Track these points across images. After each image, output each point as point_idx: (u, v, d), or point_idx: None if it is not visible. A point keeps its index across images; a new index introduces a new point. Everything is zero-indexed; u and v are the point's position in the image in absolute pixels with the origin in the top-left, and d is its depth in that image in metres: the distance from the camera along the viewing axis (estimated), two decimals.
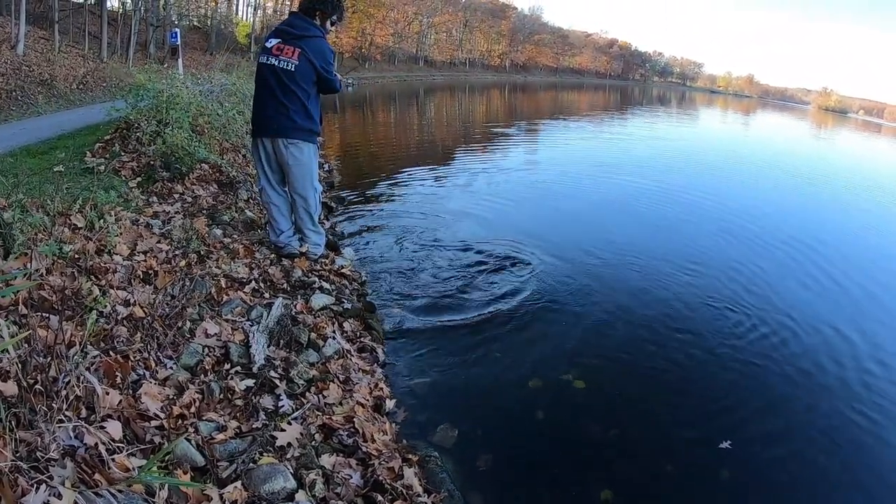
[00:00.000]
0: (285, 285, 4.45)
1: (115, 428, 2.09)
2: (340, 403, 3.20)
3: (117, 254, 3.75)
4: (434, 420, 3.57)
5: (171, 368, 2.81)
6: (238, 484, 2.25)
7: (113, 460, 1.92)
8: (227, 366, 3.12)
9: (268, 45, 4.54)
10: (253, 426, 2.68)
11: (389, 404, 3.50)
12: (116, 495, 1.79)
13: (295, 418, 2.87)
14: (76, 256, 3.43)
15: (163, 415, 2.41)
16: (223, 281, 3.97)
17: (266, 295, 4.13)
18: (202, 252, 4.31)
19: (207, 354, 3.11)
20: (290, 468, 2.47)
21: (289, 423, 2.77)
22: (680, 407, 4.18)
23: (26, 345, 2.17)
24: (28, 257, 3.14)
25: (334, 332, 3.95)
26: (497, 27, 71.75)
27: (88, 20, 22.05)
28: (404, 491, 2.65)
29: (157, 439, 2.26)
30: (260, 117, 4.68)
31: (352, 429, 2.98)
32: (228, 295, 3.83)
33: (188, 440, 2.33)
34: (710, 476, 3.47)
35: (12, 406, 1.92)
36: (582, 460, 3.49)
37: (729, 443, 3.67)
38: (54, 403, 1.99)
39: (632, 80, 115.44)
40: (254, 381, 3.04)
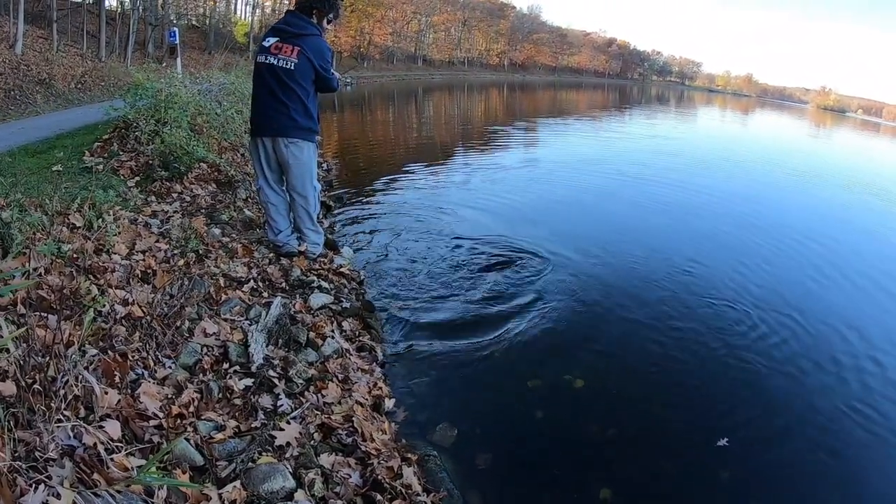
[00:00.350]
0: (284, 284, 4.44)
1: (114, 427, 2.09)
2: (339, 403, 3.19)
3: (116, 253, 3.75)
4: (433, 419, 3.57)
5: (170, 368, 2.81)
6: (237, 483, 2.25)
7: (112, 460, 1.91)
8: (226, 365, 3.12)
9: (266, 45, 4.51)
10: (252, 425, 2.67)
11: (388, 403, 3.50)
12: (115, 495, 1.78)
13: (294, 418, 2.87)
14: (75, 256, 3.43)
15: (161, 414, 2.40)
16: (222, 280, 3.97)
17: (265, 294, 4.13)
18: (201, 251, 4.30)
19: (206, 354, 3.11)
20: (289, 467, 2.47)
21: (288, 423, 2.76)
22: (679, 406, 4.18)
23: (24, 344, 2.17)
24: (26, 257, 3.14)
25: (333, 332, 3.95)
26: (496, 26, 71.75)
27: (87, 19, 22.03)
28: (403, 490, 2.65)
29: (156, 439, 2.25)
30: (260, 117, 4.66)
31: (351, 428, 2.97)
32: (227, 294, 3.83)
33: (187, 440, 2.33)
34: (710, 475, 3.47)
35: (11, 406, 1.92)
36: (581, 459, 3.49)
37: (726, 440, 3.68)
38: (53, 403, 1.99)
39: (630, 80, 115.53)
40: (252, 381, 3.04)
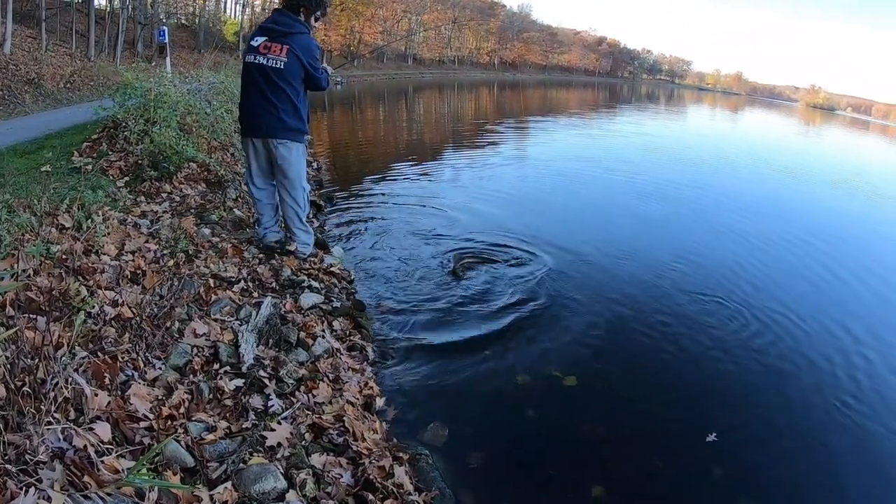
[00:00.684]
0: (274, 284, 4.43)
1: (104, 429, 2.09)
2: (330, 402, 3.19)
3: (105, 254, 3.73)
4: (424, 418, 3.58)
5: (160, 369, 2.80)
6: (228, 484, 2.25)
7: (102, 462, 1.91)
8: (217, 366, 3.11)
9: (254, 44, 4.46)
10: (243, 426, 2.67)
11: (379, 403, 3.50)
12: (106, 498, 1.79)
13: (285, 418, 2.86)
14: (64, 257, 3.42)
15: (152, 416, 2.40)
16: (212, 280, 3.96)
17: (255, 294, 4.12)
18: (190, 252, 4.29)
19: (196, 354, 3.10)
20: (281, 468, 2.47)
21: (279, 423, 2.76)
22: (672, 402, 4.22)
23: (13, 346, 2.16)
24: (15, 258, 3.13)
25: (324, 331, 3.94)
26: (486, 25, 71.75)
27: (76, 18, 21.87)
28: (395, 489, 2.65)
29: (147, 440, 2.25)
30: (249, 117, 4.63)
31: (342, 428, 2.97)
32: (217, 294, 3.81)
33: (177, 441, 2.32)
34: (703, 472, 3.50)
35: (0, 409, 1.92)
36: (573, 457, 3.51)
37: (718, 437, 3.71)
38: (42, 405, 1.99)
39: (620, 78, 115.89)
40: (243, 381, 3.03)
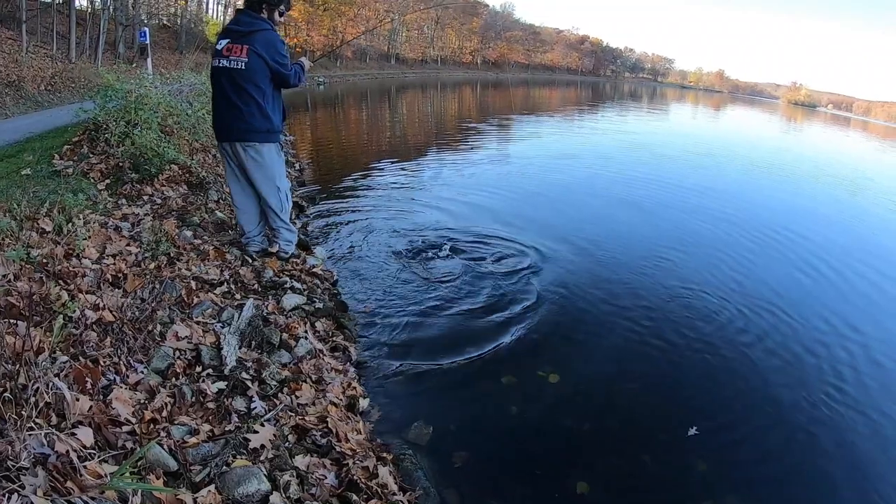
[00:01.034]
0: (256, 286, 4.43)
1: (87, 434, 2.08)
2: (313, 404, 3.20)
3: (86, 257, 3.71)
4: (408, 418, 3.60)
5: (142, 373, 2.79)
6: (212, 488, 2.25)
7: (85, 467, 1.91)
8: (199, 368, 3.10)
9: (218, 47, 4.40)
10: (226, 429, 2.67)
11: (363, 403, 3.51)
12: (89, 503, 1.79)
13: (268, 420, 2.86)
14: (44, 261, 3.40)
15: (134, 420, 2.39)
16: (193, 283, 3.95)
17: (237, 296, 4.11)
18: (172, 254, 4.27)
19: (178, 357, 3.09)
20: (264, 470, 2.47)
21: (262, 425, 2.76)
22: (656, 397, 4.28)
23: None
24: None
25: (306, 332, 3.95)
26: (468, 24, 71.76)
27: (57, 20, 21.57)
28: (379, 490, 2.67)
29: (129, 444, 2.24)
30: (217, 122, 4.60)
31: (325, 429, 2.99)
32: (199, 297, 3.80)
33: (160, 444, 2.32)
34: (687, 466, 3.55)
35: None
36: (557, 454, 3.54)
37: (696, 429, 3.77)
38: (24, 411, 1.98)
39: (603, 77, 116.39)
40: (226, 384, 3.03)
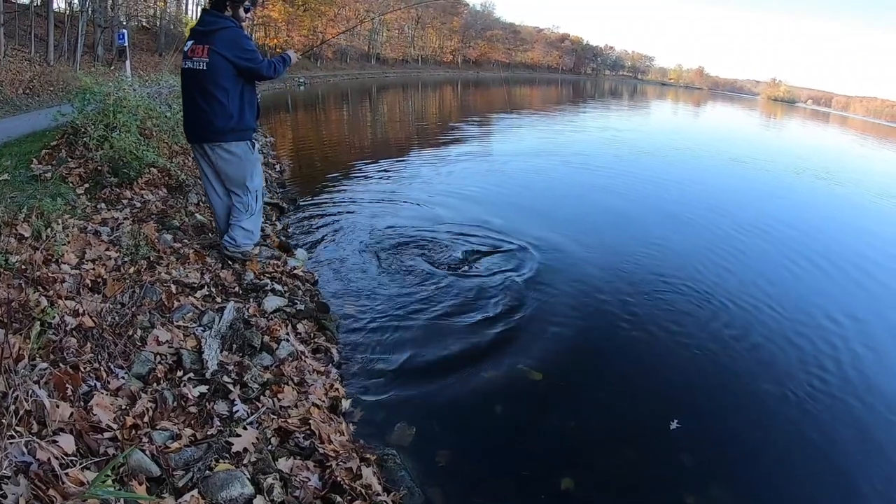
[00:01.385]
0: (237, 289, 4.42)
1: (68, 441, 2.08)
2: (296, 406, 3.21)
3: (65, 263, 3.68)
4: (391, 418, 3.61)
5: (123, 378, 2.78)
6: (195, 492, 2.26)
7: (67, 475, 1.91)
8: (180, 373, 3.10)
9: (185, 49, 4.39)
10: (208, 433, 2.67)
11: (345, 404, 3.53)
12: None
13: (250, 423, 2.87)
14: (23, 267, 3.37)
15: (116, 426, 2.39)
16: (174, 287, 3.93)
17: (218, 299, 4.10)
18: (152, 258, 4.24)
19: (159, 362, 3.09)
20: (247, 474, 2.48)
21: (244, 429, 2.76)
22: (639, 392, 4.34)
23: None
24: None
25: (288, 335, 3.95)
26: (449, 23, 71.71)
27: (35, 22, 21.24)
28: (363, 491, 2.68)
29: (111, 451, 2.24)
30: (186, 124, 4.58)
31: (308, 431, 2.99)
32: (179, 301, 3.79)
33: (142, 450, 2.32)
34: (672, 460, 3.61)
35: None
36: (541, 451, 3.58)
37: (677, 422, 3.83)
38: (4, 419, 1.98)
39: (583, 75, 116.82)
40: (207, 388, 3.03)
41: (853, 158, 28.02)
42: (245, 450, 2.63)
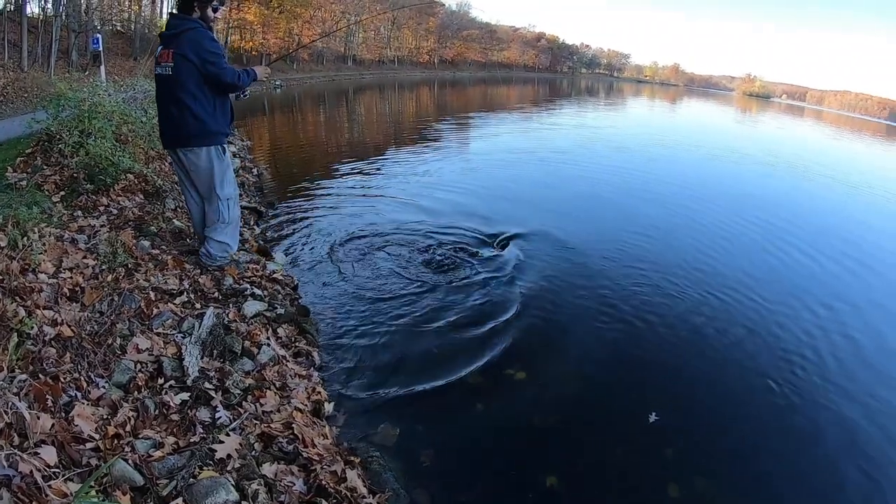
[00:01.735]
0: (216, 294, 4.40)
1: (50, 453, 2.07)
2: (278, 410, 3.21)
3: (42, 272, 3.64)
4: (374, 420, 3.62)
5: (104, 387, 2.77)
6: (180, 500, 2.26)
7: (50, 487, 1.90)
8: (161, 380, 3.08)
9: (157, 55, 4.33)
10: (191, 440, 2.67)
11: (328, 408, 3.54)
12: None
13: (233, 429, 2.87)
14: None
15: (97, 436, 2.38)
16: (152, 294, 3.90)
17: (197, 305, 4.08)
18: (130, 265, 4.21)
19: (140, 370, 3.07)
20: (232, 480, 2.48)
21: (227, 435, 2.76)
22: (621, 387, 4.43)
23: None
24: None
25: (268, 339, 3.94)
26: (425, 24, 71.61)
27: (8, 28, 20.87)
28: (349, 493, 2.69)
29: (94, 461, 2.23)
30: (160, 129, 4.55)
31: (291, 435, 2.99)
32: (158, 308, 3.77)
33: (125, 460, 2.31)
34: (655, 454, 3.66)
35: None
36: (525, 449, 3.62)
37: (655, 415, 3.89)
38: None
39: (560, 73, 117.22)
40: (189, 395, 3.02)
41: (826, 150, 28.54)
42: (229, 456, 2.63)
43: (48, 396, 2.40)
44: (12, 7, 22.54)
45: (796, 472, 3.66)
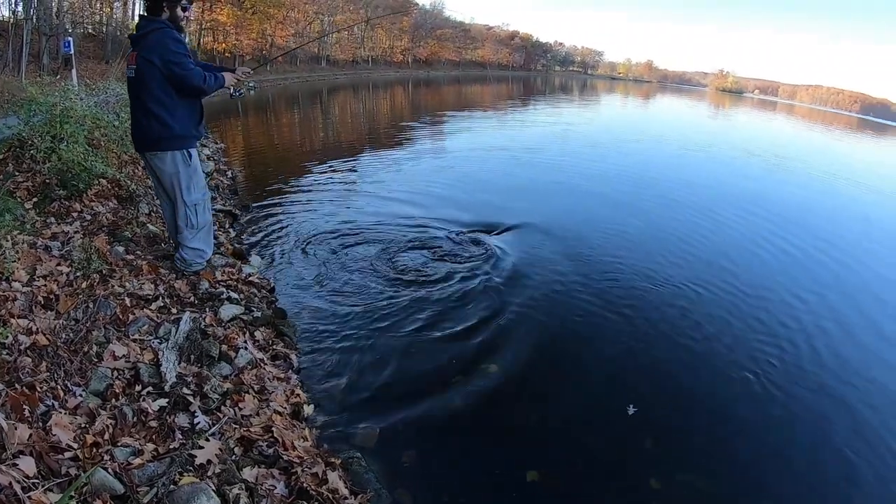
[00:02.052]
0: (192, 299, 4.38)
1: (28, 464, 2.06)
2: (257, 414, 3.21)
3: (16, 280, 3.60)
4: (354, 421, 3.64)
5: (81, 396, 2.75)
6: None
7: (30, 498, 1.90)
8: (139, 387, 3.07)
9: (127, 57, 4.28)
10: (170, 447, 2.66)
11: (308, 410, 3.55)
12: None
13: (212, 434, 2.86)
14: None
15: (76, 445, 2.37)
16: (128, 300, 3.87)
17: (173, 310, 4.06)
18: (104, 271, 4.17)
19: (117, 378, 3.05)
20: (213, 485, 2.48)
21: (206, 440, 2.76)
22: (599, 381, 4.48)
23: None
24: None
25: (246, 343, 3.93)
26: (399, 23, 71.38)
27: None
28: (330, 495, 2.70)
29: (73, 471, 2.23)
30: (131, 132, 4.49)
31: (271, 438, 3.00)
32: (134, 314, 3.74)
33: (104, 468, 2.30)
34: (635, 445, 3.73)
35: None
36: (506, 445, 3.65)
37: (634, 408, 3.96)
38: None
39: (534, 71, 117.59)
40: (167, 401, 3.01)
41: (794, 141, 29.08)
42: (209, 461, 2.63)
43: (25, 406, 2.39)
44: None
45: (776, 461, 3.74)
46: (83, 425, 2.56)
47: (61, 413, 2.53)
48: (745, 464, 3.68)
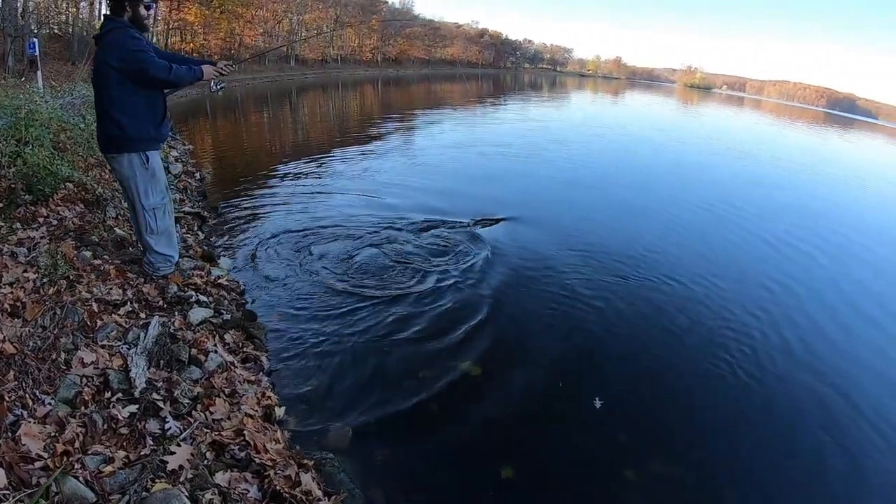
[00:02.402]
0: (161, 303, 4.34)
1: None
2: (229, 418, 3.21)
3: None
4: (326, 421, 3.66)
5: (50, 404, 2.73)
6: None
7: None
8: (108, 394, 3.04)
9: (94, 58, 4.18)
10: (141, 453, 2.65)
11: (279, 412, 3.55)
12: None
13: (184, 439, 2.86)
14: None
15: (46, 454, 2.36)
16: (96, 305, 3.83)
17: (142, 315, 4.02)
18: (71, 277, 4.12)
19: (86, 385, 3.03)
20: (185, 491, 2.49)
21: (178, 445, 2.76)
22: (573, 375, 4.57)
23: None
24: None
25: (216, 346, 3.93)
26: (368, 22, 71.06)
27: None
28: (304, 497, 2.72)
29: (44, 481, 2.22)
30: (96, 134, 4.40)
31: (243, 442, 3.00)
32: (102, 319, 3.71)
33: (75, 477, 2.30)
34: (609, 440, 3.81)
35: None
36: (480, 442, 3.70)
37: (600, 401, 4.04)
38: None
39: (503, 69, 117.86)
40: (137, 407, 3.00)
41: (761, 135, 29.63)
42: (181, 467, 2.63)
43: None
44: None
45: (750, 449, 3.86)
46: (53, 434, 2.54)
47: (30, 422, 2.52)
48: (720, 452, 3.80)
